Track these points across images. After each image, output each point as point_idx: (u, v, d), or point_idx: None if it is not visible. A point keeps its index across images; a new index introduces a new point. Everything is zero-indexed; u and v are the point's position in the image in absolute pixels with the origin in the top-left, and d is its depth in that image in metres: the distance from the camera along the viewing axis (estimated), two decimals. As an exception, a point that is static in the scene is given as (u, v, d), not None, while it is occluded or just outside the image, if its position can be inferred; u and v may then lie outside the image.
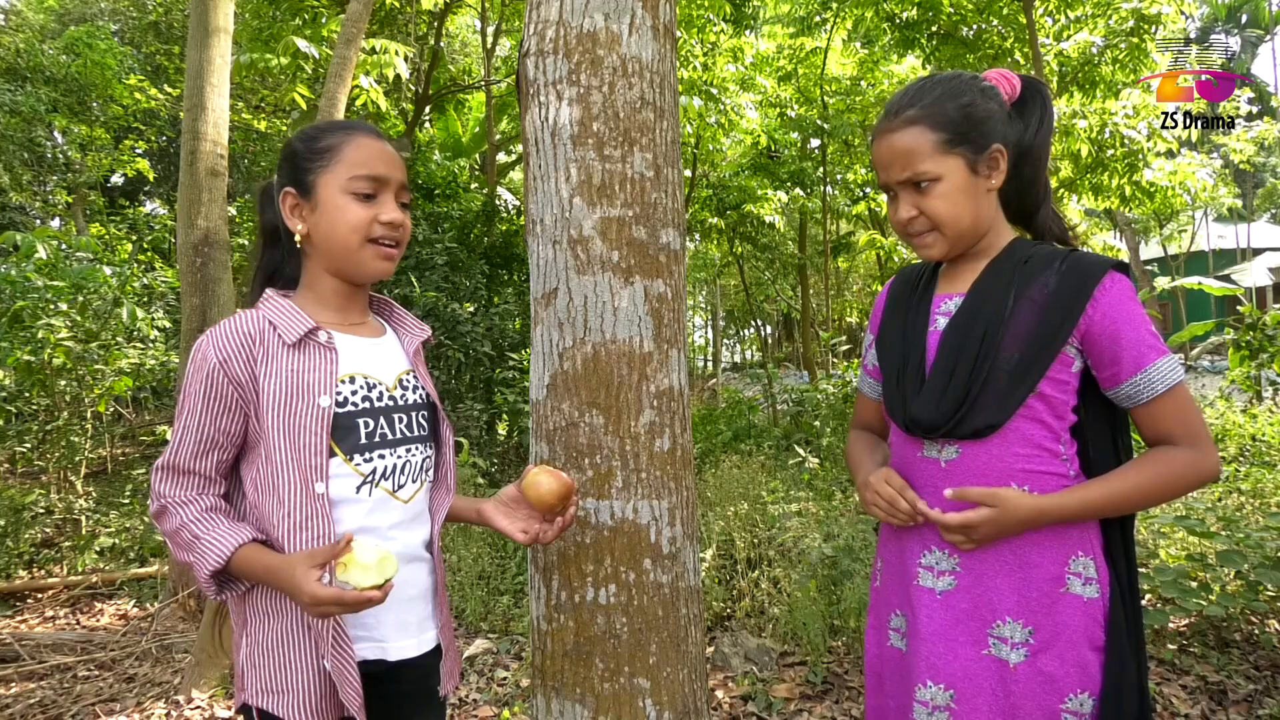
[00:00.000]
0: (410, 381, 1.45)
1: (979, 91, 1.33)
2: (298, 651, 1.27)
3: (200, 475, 1.29)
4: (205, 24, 4.59)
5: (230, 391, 1.26)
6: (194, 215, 4.51)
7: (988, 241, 1.39)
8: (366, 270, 1.38)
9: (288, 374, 1.28)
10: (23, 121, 11.17)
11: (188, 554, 1.25)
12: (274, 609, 1.29)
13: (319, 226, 1.35)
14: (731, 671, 3.36)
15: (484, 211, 8.67)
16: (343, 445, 1.31)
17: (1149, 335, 1.26)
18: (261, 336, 1.29)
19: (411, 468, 1.40)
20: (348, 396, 1.33)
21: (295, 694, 1.26)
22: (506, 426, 7.29)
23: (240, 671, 1.30)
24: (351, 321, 1.42)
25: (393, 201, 1.38)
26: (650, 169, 1.61)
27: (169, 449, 1.29)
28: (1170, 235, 26.79)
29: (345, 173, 1.34)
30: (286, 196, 1.37)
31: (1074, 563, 1.28)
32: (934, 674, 1.31)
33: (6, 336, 5.70)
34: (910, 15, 8.67)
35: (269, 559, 1.23)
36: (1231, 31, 28.71)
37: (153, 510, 1.30)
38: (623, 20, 1.59)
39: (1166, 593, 3.16)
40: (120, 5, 14.80)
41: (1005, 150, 1.34)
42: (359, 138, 1.37)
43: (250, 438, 1.30)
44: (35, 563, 5.77)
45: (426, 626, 1.42)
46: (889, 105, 1.37)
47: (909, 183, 1.33)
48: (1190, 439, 1.26)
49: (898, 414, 1.41)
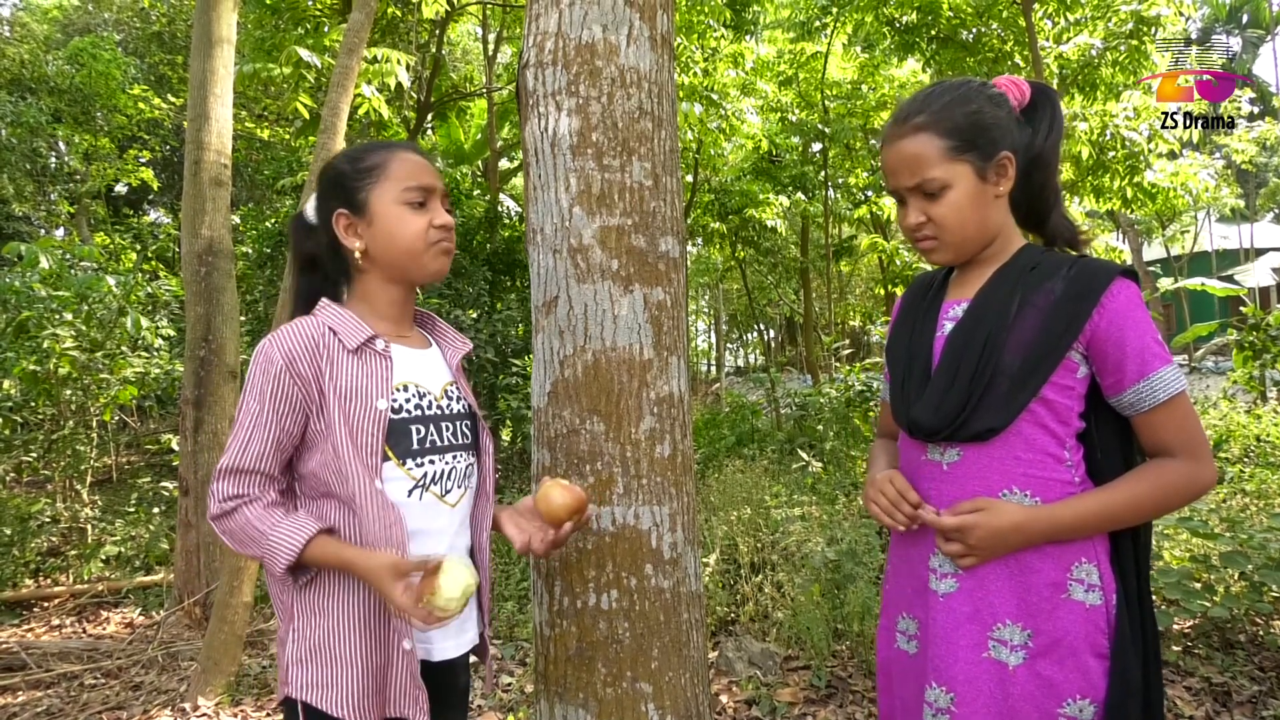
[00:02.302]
0: (454, 392, 1.51)
1: (987, 98, 1.34)
2: (347, 648, 1.32)
3: (263, 474, 1.32)
4: (209, 35, 4.63)
5: (295, 392, 1.31)
6: (198, 224, 4.54)
7: (997, 247, 1.39)
8: (430, 270, 1.45)
9: (348, 377, 1.34)
10: (26, 132, 11.24)
11: (256, 548, 1.29)
12: (324, 607, 1.33)
13: (377, 239, 1.41)
14: (735, 676, 3.37)
15: (486, 218, 8.70)
16: (396, 450, 1.37)
17: (1154, 343, 1.26)
18: (325, 340, 1.35)
19: (457, 474, 1.45)
20: (402, 403, 1.39)
21: (344, 689, 1.30)
22: (510, 432, 7.30)
23: (285, 666, 1.34)
24: (402, 333, 1.49)
25: (440, 206, 1.46)
26: (649, 178, 1.62)
27: (231, 453, 1.31)
28: (1173, 236, 26.75)
29: (396, 186, 1.41)
30: (340, 217, 1.42)
31: (1076, 569, 1.28)
32: (938, 676, 1.32)
33: (13, 346, 5.74)
34: (910, 19, 8.69)
35: (348, 553, 1.29)
36: (1232, 32, 28.70)
37: (213, 512, 1.32)
38: (620, 31, 1.61)
39: (1170, 594, 3.16)
40: (124, 16, 14.90)
41: (1014, 157, 1.34)
42: (402, 153, 1.45)
43: (309, 438, 1.34)
44: (41, 571, 5.79)
45: (467, 628, 1.48)
46: (898, 112, 1.38)
47: (917, 189, 1.34)
48: (1187, 450, 1.26)
49: (901, 417, 1.43)
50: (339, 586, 1.33)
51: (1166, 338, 18.26)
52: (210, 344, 4.57)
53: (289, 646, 1.34)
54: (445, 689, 1.46)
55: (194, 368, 4.58)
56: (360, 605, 1.33)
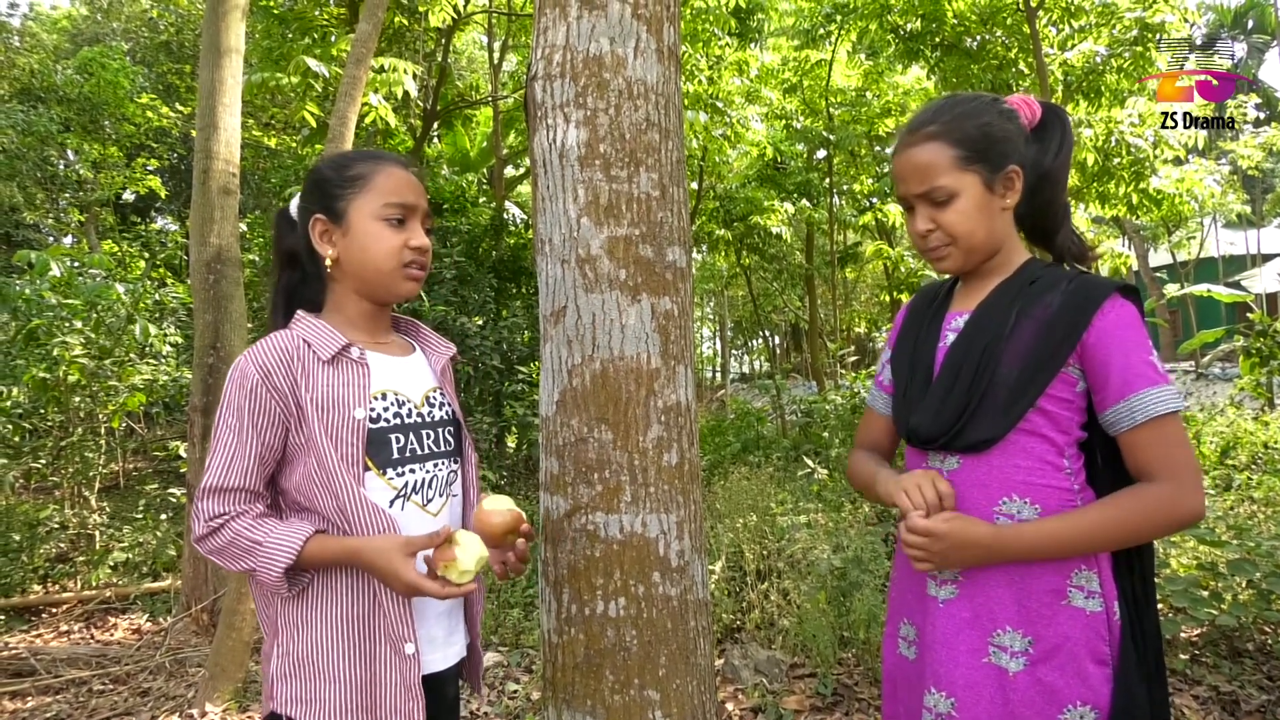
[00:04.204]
0: (437, 398, 1.49)
1: (998, 113, 1.37)
2: (332, 662, 1.30)
3: (247, 490, 1.30)
4: (217, 44, 4.66)
5: (273, 405, 1.30)
6: (206, 233, 4.57)
7: (1001, 260, 1.41)
8: (397, 292, 1.43)
9: (324, 388, 1.32)
10: (36, 141, 11.33)
11: (249, 559, 1.26)
12: (309, 620, 1.31)
13: (351, 251, 1.40)
14: (741, 683, 3.37)
15: (492, 225, 8.73)
16: (376, 460, 1.35)
17: (1140, 363, 1.25)
18: (299, 353, 1.33)
19: (439, 482, 1.44)
20: (380, 412, 1.37)
21: (328, 703, 1.29)
22: (515, 439, 7.31)
23: (270, 681, 1.33)
24: (378, 341, 1.47)
25: (420, 227, 1.43)
26: (656, 188, 1.64)
27: (212, 472, 1.29)
28: (1179, 242, 26.68)
29: (377, 200, 1.39)
30: (317, 222, 1.41)
31: (1076, 576, 1.28)
32: (937, 681, 1.33)
33: (23, 354, 5.77)
34: (914, 27, 8.71)
35: (351, 543, 1.27)
36: (1238, 37, 28.67)
37: (198, 534, 1.29)
38: (628, 44, 1.63)
39: (1178, 602, 3.15)
40: (132, 26, 15.01)
41: (1021, 171, 1.37)
42: (389, 167, 1.42)
43: (289, 452, 1.33)
44: (50, 577, 5.82)
45: (453, 640, 1.47)
46: (910, 121, 1.41)
47: (926, 196, 1.36)
48: (1168, 475, 1.23)
49: (901, 424, 1.45)
50: (324, 600, 1.31)
51: (1173, 344, 18.11)
52: (218, 351, 4.59)
53: (273, 662, 1.33)
54: (434, 702, 1.44)
55: (202, 375, 4.60)
56: (346, 618, 1.31)
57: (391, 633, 1.31)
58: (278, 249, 1.52)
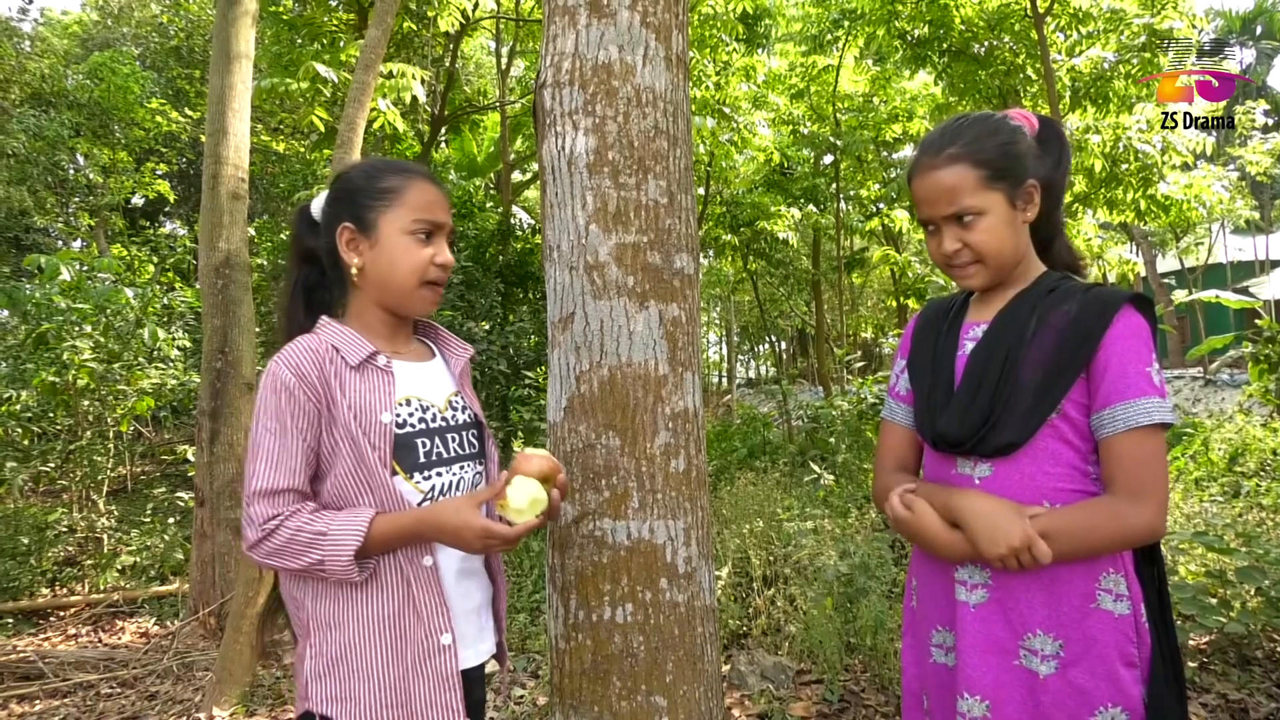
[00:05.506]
0: (459, 402, 1.52)
1: (1011, 130, 1.40)
2: (366, 660, 1.31)
3: (296, 490, 1.30)
4: (227, 50, 4.69)
5: (309, 405, 1.31)
6: (215, 238, 4.60)
7: (1019, 271, 1.44)
8: (417, 308, 1.46)
9: (352, 394, 1.34)
10: (47, 145, 11.40)
11: (315, 552, 1.25)
12: (341, 620, 1.32)
13: (378, 263, 1.41)
14: (748, 690, 3.36)
15: (499, 230, 8.75)
16: (403, 464, 1.37)
17: (1136, 373, 1.27)
18: (330, 356, 1.35)
19: (464, 484, 1.46)
20: (405, 418, 1.39)
21: (363, 701, 1.30)
22: (522, 444, 7.31)
23: (304, 681, 1.34)
24: (400, 348, 1.49)
25: (445, 244, 1.46)
26: (664, 196, 1.64)
27: (258, 477, 1.28)
28: (1187, 248, 26.61)
29: (408, 215, 1.41)
30: (344, 230, 1.42)
31: (1104, 579, 1.30)
32: (970, 686, 1.34)
33: (32, 358, 5.81)
34: (922, 33, 8.72)
35: (415, 512, 1.32)
36: (1246, 43, 28.59)
37: (253, 539, 1.27)
38: (636, 52, 1.63)
39: (1186, 610, 3.13)
40: (143, 31, 15.12)
41: (1038, 185, 1.40)
42: (420, 182, 1.44)
43: (322, 455, 1.34)
44: (58, 581, 5.85)
45: (484, 638, 1.49)
46: (927, 143, 1.43)
47: (953, 217, 1.39)
48: (1130, 490, 1.24)
49: (926, 430, 1.47)
50: (356, 599, 1.32)
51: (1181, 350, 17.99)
52: (226, 356, 4.62)
53: (307, 662, 1.34)
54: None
55: (210, 379, 4.62)
56: (379, 616, 1.32)
57: (427, 625, 1.33)
58: (296, 246, 1.53)
